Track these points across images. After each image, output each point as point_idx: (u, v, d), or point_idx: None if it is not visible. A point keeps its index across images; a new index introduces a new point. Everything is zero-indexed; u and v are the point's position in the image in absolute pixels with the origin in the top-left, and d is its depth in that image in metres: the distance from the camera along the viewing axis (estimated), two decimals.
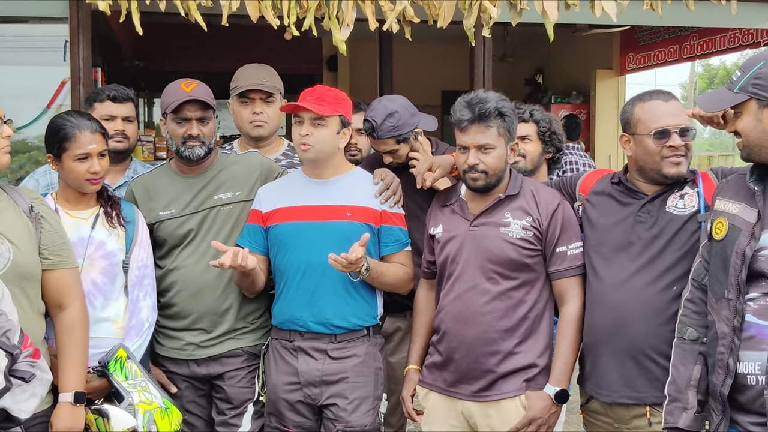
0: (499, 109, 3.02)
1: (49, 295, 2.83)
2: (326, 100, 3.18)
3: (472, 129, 3.02)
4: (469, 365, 3.04)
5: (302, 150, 3.19)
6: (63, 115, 3.11)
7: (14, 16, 5.43)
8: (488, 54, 6.05)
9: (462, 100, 3.07)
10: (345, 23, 3.34)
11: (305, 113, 3.16)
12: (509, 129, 3.06)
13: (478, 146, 3.02)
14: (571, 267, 3.05)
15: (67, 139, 3.02)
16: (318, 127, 3.16)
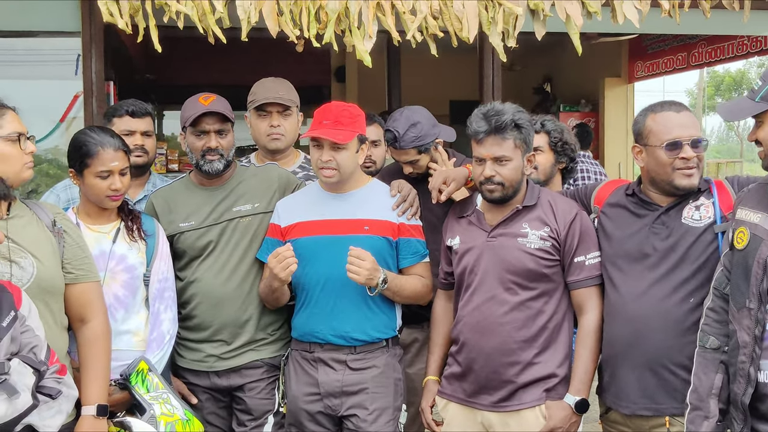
0: (516, 120, 3.03)
1: (72, 308, 2.85)
2: (343, 123, 3.17)
3: (489, 141, 3.04)
4: (489, 375, 3.05)
5: (325, 176, 3.20)
6: (86, 131, 3.13)
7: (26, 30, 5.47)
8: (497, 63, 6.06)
9: (478, 112, 3.08)
10: (367, 35, 3.34)
11: (324, 139, 3.16)
12: (526, 140, 3.07)
13: (494, 158, 3.03)
14: (589, 277, 3.06)
15: (89, 155, 3.05)
16: (339, 151, 3.17)
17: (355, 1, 3.33)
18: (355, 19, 3.35)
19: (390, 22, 3.38)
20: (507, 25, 3.49)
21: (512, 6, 3.42)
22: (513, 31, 3.50)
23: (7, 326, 2.39)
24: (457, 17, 3.42)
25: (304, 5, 3.31)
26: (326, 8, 3.28)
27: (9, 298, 2.45)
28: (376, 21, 3.40)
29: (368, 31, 3.37)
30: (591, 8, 3.46)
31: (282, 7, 3.28)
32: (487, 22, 3.46)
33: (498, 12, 3.47)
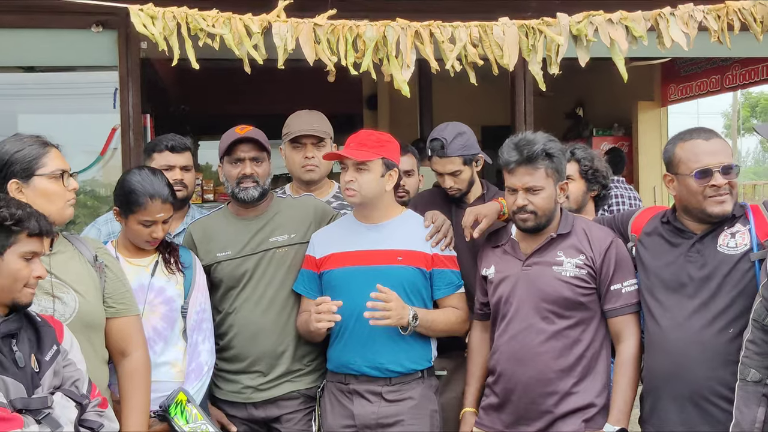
0: (547, 150, 3.04)
1: (113, 342, 2.89)
2: (367, 145, 3.22)
3: (520, 171, 3.05)
4: (527, 406, 3.03)
5: (348, 196, 3.24)
6: (139, 176, 3.16)
7: (65, 65, 5.58)
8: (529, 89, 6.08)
9: (510, 142, 3.10)
10: (405, 64, 3.36)
11: (349, 159, 3.20)
12: (558, 169, 3.07)
13: (526, 188, 3.04)
14: (626, 305, 3.04)
15: (137, 204, 3.10)
16: (361, 172, 3.20)
17: (392, 29, 3.34)
18: (392, 48, 3.36)
19: (429, 51, 3.39)
20: (549, 52, 3.48)
21: (554, 36, 3.41)
22: (555, 57, 3.47)
23: (50, 360, 2.43)
24: (497, 44, 3.42)
25: (342, 33, 3.32)
26: (363, 36, 3.29)
27: (51, 332, 2.49)
28: (414, 50, 3.41)
29: (406, 60, 3.36)
30: (636, 33, 3.42)
31: (319, 35, 3.31)
32: (527, 50, 3.45)
33: (538, 39, 3.46)
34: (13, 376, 2.30)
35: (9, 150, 2.73)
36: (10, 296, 2.38)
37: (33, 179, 2.73)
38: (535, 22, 3.41)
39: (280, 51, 3.24)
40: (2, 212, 2.35)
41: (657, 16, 3.43)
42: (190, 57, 3.21)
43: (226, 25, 3.23)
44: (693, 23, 3.46)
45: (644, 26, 3.47)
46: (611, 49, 3.47)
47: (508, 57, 3.37)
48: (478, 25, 3.37)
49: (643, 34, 3.41)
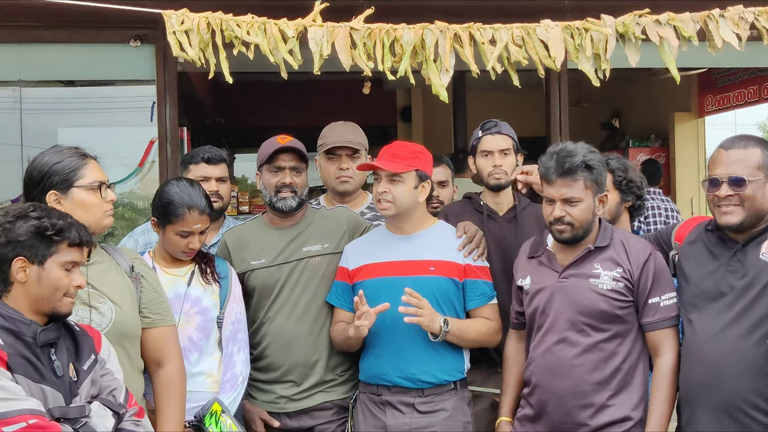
0: (587, 161, 3.02)
1: (148, 352, 2.92)
2: (401, 156, 3.23)
3: (558, 182, 3.03)
4: (562, 418, 3.01)
5: (381, 208, 3.25)
6: (176, 187, 3.20)
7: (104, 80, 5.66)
8: (564, 100, 6.04)
9: (550, 152, 3.08)
10: (444, 68, 3.30)
11: (382, 171, 3.21)
12: (597, 181, 3.05)
13: (564, 199, 3.02)
14: (664, 318, 3.01)
15: (175, 215, 3.14)
16: (394, 183, 3.21)
17: (431, 32, 3.29)
18: (431, 51, 3.32)
19: (468, 54, 3.33)
20: (596, 50, 3.41)
21: (601, 29, 3.34)
22: (604, 55, 3.41)
23: (87, 369, 2.46)
24: (542, 43, 3.37)
25: (378, 37, 3.29)
26: (401, 40, 3.25)
27: (90, 342, 2.52)
28: (453, 54, 3.36)
29: (445, 64, 3.31)
30: (685, 33, 3.34)
31: (355, 40, 3.28)
32: (573, 49, 3.39)
33: (585, 38, 3.39)
34: (52, 385, 2.33)
35: (48, 161, 2.77)
36: (51, 305, 2.41)
37: (71, 190, 2.76)
38: (579, 22, 3.36)
39: (315, 57, 3.21)
40: (44, 222, 2.39)
41: (706, 17, 3.35)
42: (225, 71, 3.21)
43: (260, 30, 3.22)
44: (744, 24, 3.38)
45: (693, 28, 3.39)
46: (660, 49, 3.38)
47: (554, 55, 3.29)
48: (520, 26, 3.30)
49: (692, 34, 3.33)
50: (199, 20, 3.17)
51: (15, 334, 2.33)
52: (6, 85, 5.56)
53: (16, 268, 2.36)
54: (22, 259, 2.37)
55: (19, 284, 2.38)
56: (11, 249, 2.36)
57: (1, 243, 2.37)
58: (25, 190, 2.80)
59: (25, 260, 2.37)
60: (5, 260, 2.37)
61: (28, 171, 2.81)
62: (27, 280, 2.37)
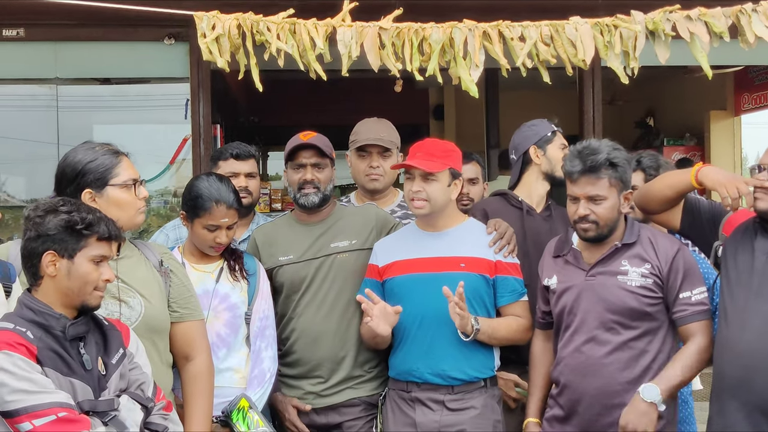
0: (611, 159, 2.99)
1: (177, 346, 2.94)
2: (435, 155, 3.22)
3: (582, 180, 3.00)
4: (592, 418, 2.98)
5: (415, 207, 3.24)
6: (206, 181, 3.22)
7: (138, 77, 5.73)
8: (597, 98, 6.01)
9: (574, 150, 3.06)
10: (474, 64, 3.28)
11: (416, 169, 3.21)
12: (622, 179, 3.02)
13: (588, 197, 2.99)
14: (696, 312, 2.97)
15: (203, 209, 3.15)
16: (429, 182, 3.20)
17: (460, 30, 3.28)
18: (460, 49, 3.30)
19: (498, 50, 3.32)
20: (626, 47, 3.38)
21: (631, 26, 3.30)
22: (633, 52, 3.37)
23: (116, 363, 2.48)
24: (570, 42, 3.33)
25: (407, 37, 3.28)
26: (429, 39, 3.23)
27: (118, 336, 2.55)
28: (482, 50, 3.34)
29: (475, 60, 3.30)
30: (716, 29, 3.29)
31: (384, 41, 3.28)
32: (603, 47, 3.35)
33: (614, 35, 3.36)
34: (81, 379, 2.36)
35: (82, 159, 2.79)
36: (80, 299, 2.44)
37: (106, 189, 2.78)
38: (609, 19, 3.32)
39: (344, 59, 3.23)
40: (74, 216, 2.41)
41: (738, 12, 3.29)
42: (255, 77, 3.24)
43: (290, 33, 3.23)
44: None
45: (725, 23, 3.33)
46: (691, 45, 3.33)
47: (583, 53, 3.26)
48: (549, 23, 3.28)
49: (724, 30, 3.28)
50: (230, 23, 3.20)
51: (44, 328, 2.36)
52: (43, 83, 5.67)
53: (46, 262, 2.39)
54: (52, 253, 2.39)
55: (48, 278, 2.41)
56: (41, 243, 2.39)
57: (31, 237, 2.40)
58: (57, 187, 2.82)
59: (55, 254, 2.39)
60: (35, 254, 2.40)
61: (60, 168, 2.83)
62: (57, 273, 2.40)
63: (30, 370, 2.26)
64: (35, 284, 2.43)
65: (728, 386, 2.85)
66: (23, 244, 2.43)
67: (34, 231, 2.40)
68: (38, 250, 2.40)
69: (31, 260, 2.41)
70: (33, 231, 2.40)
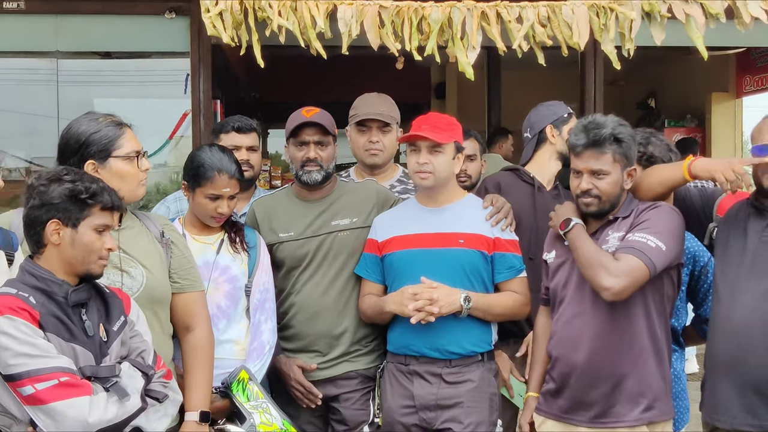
0: (615, 134, 2.98)
1: (177, 317, 2.96)
2: (441, 127, 3.23)
3: (586, 154, 3.00)
4: (583, 391, 3.00)
5: (421, 178, 3.24)
6: (208, 151, 3.23)
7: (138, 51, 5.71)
8: (599, 78, 6.00)
9: (579, 124, 3.05)
10: (471, 46, 3.29)
11: (422, 141, 3.21)
12: (626, 154, 3.01)
13: (592, 171, 2.99)
14: (629, 246, 2.88)
15: (204, 177, 3.16)
16: (435, 154, 3.21)
17: (458, 10, 3.28)
18: (458, 29, 3.31)
19: (495, 32, 3.32)
20: (621, 29, 3.37)
21: (626, 11, 3.29)
22: (629, 34, 3.36)
23: (117, 330, 2.51)
24: (566, 23, 3.33)
25: (407, 16, 3.28)
26: (429, 18, 3.24)
27: (119, 303, 2.57)
28: (480, 31, 3.35)
29: (472, 41, 3.31)
30: (711, 10, 3.27)
31: (384, 19, 3.28)
32: (598, 29, 3.35)
33: (610, 18, 3.36)
34: (83, 345, 2.39)
35: (86, 130, 2.79)
36: (84, 267, 2.46)
37: (109, 161, 2.79)
38: (605, 1, 3.33)
39: (344, 37, 3.24)
40: (78, 186, 2.43)
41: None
42: (257, 53, 3.24)
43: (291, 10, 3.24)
44: None
45: (720, 5, 3.32)
46: (687, 26, 3.33)
47: (578, 36, 3.28)
48: (547, 5, 3.29)
49: (719, 11, 3.27)
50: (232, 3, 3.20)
51: (47, 294, 2.38)
52: (43, 56, 5.64)
53: (50, 231, 2.41)
54: (56, 222, 2.41)
55: (52, 246, 2.42)
56: (45, 211, 2.40)
57: (35, 205, 2.41)
58: (60, 157, 2.83)
59: (59, 222, 2.41)
60: (39, 222, 2.41)
61: (63, 138, 2.83)
62: (61, 242, 2.42)
63: (32, 334, 2.28)
64: (38, 252, 2.45)
65: (721, 364, 2.88)
66: (26, 212, 2.45)
67: (38, 199, 2.41)
68: (42, 219, 2.41)
69: (34, 228, 2.43)
70: (37, 199, 2.41)
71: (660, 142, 3.53)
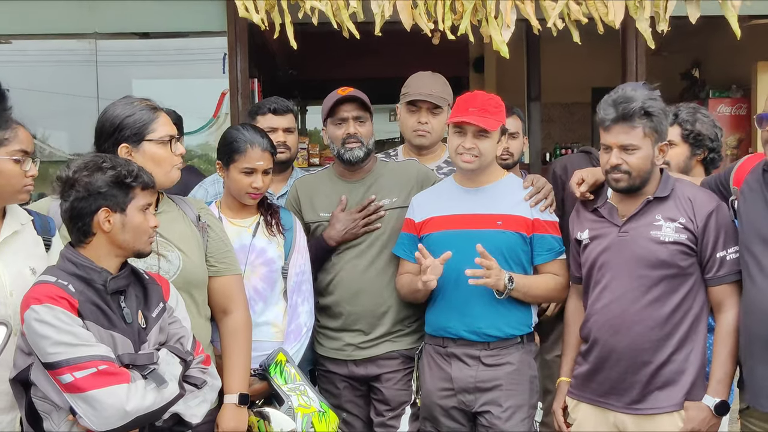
0: (646, 108, 2.89)
1: (215, 300, 2.97)
2: (489, 111, 3.17)
3: (616, 128, 2.92)
4: (621, 376, 2.96)
5: (464, 161, 3.19)
6: (239, 128, 3.25)
7: (175, 32, 5.72)
8: (641, 49, 5.88)
9: (608, 98, 2.97)
10: (505, 24, 3.24)
11: (469, 126, 3.16)
12: (657, 129, 2.93)
13: (621, 146, 2.91)
14: (729, 273, 2.91)
15: (238, 151, 3.16)
16: (482, 139, 3.17)
17: None
18: (492, 8, 3.26)
19: (529, 10, 3.27)
20: (657, 8, 3.31)
21: None
22: (664, 14, 3.30)
23: (156, 317, 2.52)
24: (602, 1, 3.29)
25: None
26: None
27: (158, 290, 2.58)
28: (514, 9, 3.30)
29: (506, 20, 3.26)
30: None
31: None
32: (634, 7, 3.29)
33: None
34: (121, 332, 2.40)
35: (120, 114, 2.80)
36: (136, 248, 2.49)
37: (143, 144, 2.79)
38: None
39: (377, 18, 3.21)
40: (120, 171, 2.44)
41: None
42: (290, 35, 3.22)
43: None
44: None
45: None
46: (723, 4, 3.28)
47: (613, 14, 3.23)
48: None
49: None
50: None
51: (86, 282, 2.40)
52: (82, 38, 5.67)
53: (101, 219, 2.42)
54: (107, 210, 2.42)
55: (101, 234, 2.44)
56: (93, 201, 2.41)
57: (80, 197, 2.41)
58: (96, 141, 2.84)
59: (109, 210, 2.42)
60: (87, 213, 2.42)
61: (99, 122, 2.85)
62: (112, 228, 2.43)
63: (71, 323, 2.30)
64: (84, 242, 2.46)
65: (757, 347, 2.79)
66: (70, 204, 2.43)
67: (84, 190, 2.41)
68: (91, 209, 2.42)
69: (82, 219, 2.43)
70: (83, 191, 2.41)
71: (706, 118, 3.49)
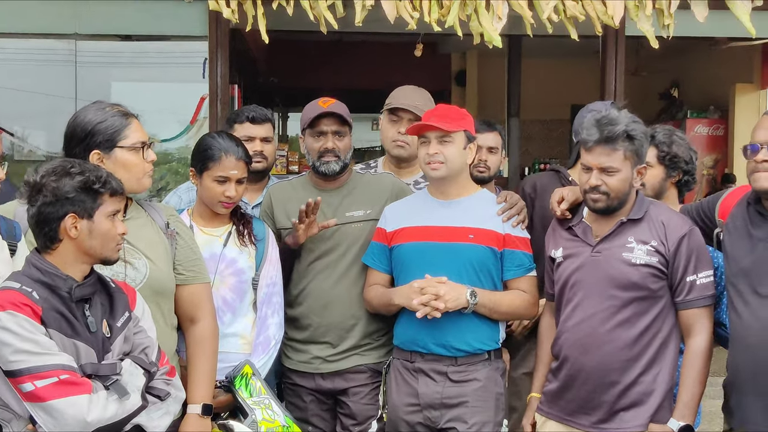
0: (628, 132, 2.92)
1: (182, 309, 2.94)
2: (449, 117, 3.20)
3: (597, 150, 2.95)
4: (589, 395, 2.97)
5: (432, 169, 3.21)
6: (214, 136, 3.24)
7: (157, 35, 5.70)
8: (620, 68, 5.90)
9: (592, 118, 3.00)
10: (496, 16, 3.19)
11: (431, 132, 3.18)
12: (637, 152, 2.96)
13: (602, 168, 2.94)
14: (699, 297, 2.93)
15: (212, 159, 3.15)
16: (445, 144, 3.18)
17: None
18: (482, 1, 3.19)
19: (523, 4, 3.21)
20: (659, 5, 3.25)
21: None
22: (668, 10, 3.25)
23: (121, 326, 2.49)
24: None
25: None
26: None
27: (124, 299, 2.55)
28: (506, 3, 3.24)
29: (497, 12, 3.21)
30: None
31: None
32: (634, 7, 3.24)
33: None
34: (85, 341, 2.37)
35: (92, 120, 2.78)
36: (102, 255, 2.46)
37: (114, 151, 2.77)
38: None
39: (358, 8, 3.13)
40: (89, 176, 2.41)
41: None
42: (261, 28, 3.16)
43: None
44: None
45: None
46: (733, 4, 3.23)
47: (612, 10, 3.15)
48: None
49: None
50: None
51: (51, 289, 2.37)
52: (62, 38, 5.63)
53: (68, 225, 2.39)
54: (73, 216, 2.39)
55: (68, 240, 2.41)
56: (60, 206, 2.38)
57: (47, 202, 2.38)
58: (66, 146, 2.81)
59: (76, 216, 2.40)
60: (54, 218, 2.39)
61: (70, 127, 2.82)
62: (79, 234, 2.40)
63: (34, 331, 2.27)
64: (51, 248, 2.43)
65: (743, 379, 2.82)
66: (37, 209, 2.40)
67: (52, 195, 2.38)
68: (57, 214, 2.39)
69: (49, 225, 2.40)
70: (50, 196, 2.38)
71: (682, 141, 3.51)
